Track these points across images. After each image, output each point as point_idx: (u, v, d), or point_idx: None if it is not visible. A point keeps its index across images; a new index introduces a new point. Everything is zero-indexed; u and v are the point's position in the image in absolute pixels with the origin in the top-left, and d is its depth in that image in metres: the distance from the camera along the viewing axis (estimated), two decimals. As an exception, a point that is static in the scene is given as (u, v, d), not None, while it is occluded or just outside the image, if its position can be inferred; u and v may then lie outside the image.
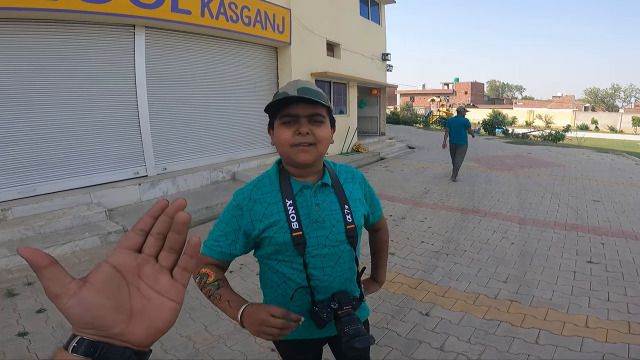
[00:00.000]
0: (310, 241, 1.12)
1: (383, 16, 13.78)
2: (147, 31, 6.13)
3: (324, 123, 1.11)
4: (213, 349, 2.52)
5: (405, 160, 10.97)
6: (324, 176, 1.18)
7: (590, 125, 38.21)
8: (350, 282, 1.23)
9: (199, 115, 7.20)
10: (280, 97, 1.04)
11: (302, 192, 1.15)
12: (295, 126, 1.07)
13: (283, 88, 1.10)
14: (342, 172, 1.28)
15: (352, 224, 1.18)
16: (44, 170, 5.17)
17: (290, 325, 1.00)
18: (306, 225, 1.12)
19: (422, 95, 56.24)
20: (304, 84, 1.10)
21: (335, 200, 1.18)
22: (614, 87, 60.40)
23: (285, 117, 1.07)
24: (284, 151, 1.10)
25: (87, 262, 3.93)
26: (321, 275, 1.15)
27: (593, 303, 2.98)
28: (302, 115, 1.06)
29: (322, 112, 1.10)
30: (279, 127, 1.09)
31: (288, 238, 1.11)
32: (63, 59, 5.26)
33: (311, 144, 1.07)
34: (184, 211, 0.43)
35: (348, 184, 1.25)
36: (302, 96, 1.03)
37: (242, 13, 7.33)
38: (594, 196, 6.63)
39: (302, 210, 1.13)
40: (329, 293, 1.17)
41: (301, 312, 1.17)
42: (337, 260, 1.17)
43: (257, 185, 1.18)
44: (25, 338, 2.62)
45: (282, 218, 1.12)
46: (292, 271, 1.15)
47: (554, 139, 19.79)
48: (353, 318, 1.10)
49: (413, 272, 3.65)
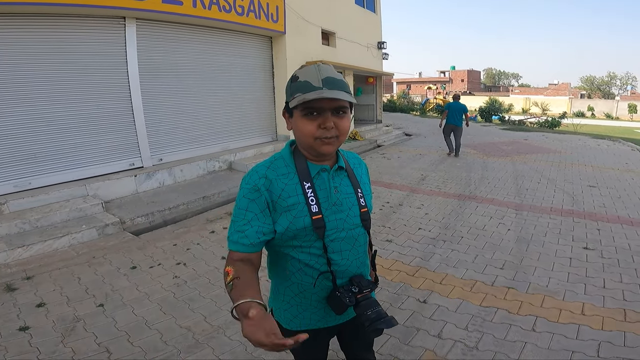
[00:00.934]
0: (329, 224, 1.12)
1: (378, 4, 13.60)
2: (138, 22, 6.02)
3: (346, 114, 1.09)
4: (212, 339, 2.53)
5: (402, 147, 10.96)
6: (339, 160, 1.18)
7: (587, 112, 38.25)
8: (364, 265, 1.25)
9: (194, 105, 7.13)
10: (311, 98, 1.00)
11: (320, 175, 1.14)
12: (319, 119, 1.04)
13: (304, 75, 1.05)
14: (350, 157, 1.30)
15: (365, 207, 1.20)
16: (38, 164, 5.12)
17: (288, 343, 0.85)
18: (325, 209, 1.12)
19: (419, 83, 55.92)
20: (327, 71, 1.05)
21: (349, 184, 1.19)
22: (610, 75, 60.22)
23: (309, 109, 1.04)
24: (306, 142, 1.08)
25: (85, 255, 3.93)
26: (339, 260, 1.15)
27: (589, 290, 3.00)
28: (327, 108, 1.04)
29: (346, 104, 1.07)
30: (301, 119, 1.06)
31: (308, 222, 1.09)
32: (54, 52, 5.16)
33: (334, 136, 1.07)
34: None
35: (357, 169, 1.28)
36: (332, 97, 1.00)
37: (235, 2, 7.21)
38: (590, 182, 6.66)
39: (321, 193, 1.13)
40: (347, 277, 1.18)
41: (318, 299, 1.19)
42: (353, 243, 1.18)
43: (270, 166, 1.14)
44: (27, 332, 2.61)
45: (301, 201, 1.10)
46: (309, 257, 1.14)
47: (550, 125, 19.81)
48: (372, 301, 1.13)
49: (410, 259, 3.67)
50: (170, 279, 3.38)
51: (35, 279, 3.41)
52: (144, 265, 3.68)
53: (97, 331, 2.63)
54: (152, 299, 3.05)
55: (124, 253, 3.97)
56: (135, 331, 2.62)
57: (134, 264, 3.70)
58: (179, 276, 3.43)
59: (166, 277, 3.42)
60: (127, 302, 3.01)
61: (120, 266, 3.66)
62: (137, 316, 2.81)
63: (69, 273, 3.53)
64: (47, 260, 3.83)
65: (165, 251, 4.01)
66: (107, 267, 3.64)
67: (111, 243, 4.24)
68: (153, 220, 4.91)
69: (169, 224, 4.90)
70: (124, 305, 2.96)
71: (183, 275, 3.44)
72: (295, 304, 1.21)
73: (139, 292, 3.16)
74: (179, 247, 4.13)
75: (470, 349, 2.35)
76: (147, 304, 2.98)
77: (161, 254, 3.95)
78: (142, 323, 2.72)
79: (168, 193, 5.79)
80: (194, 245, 4.14)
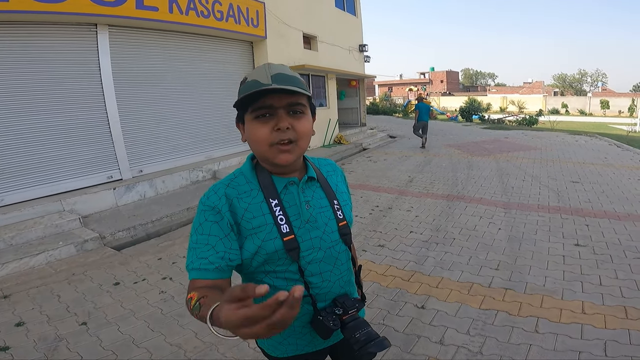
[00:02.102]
0: (303, 245, 0.99)
1: (359, 7, 13.67)
2: (111, 29, 5.80)
3: (305, 114, 0.95)
4: (205, 356, 2.40)
5: (388, 150, 10.97)
6: (308, 170, 1.05)
7: (561, 109, 39.34)
8: (349, 283, 1.13)
9: (174, 114, 6.92)
10: (254, 90, 0.86)
11: (288, 189, 1.00)
12: (272, 120, 0.91)
13: (252, 75, 0.92)
14: (322, 164, 1.16)
15: (343, 220, 1.07)
16: (10, 179, 4.84)
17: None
18: (297, 227, 0.99)
19: (400, 85, 56.61)
20: (278, 68, 0.92)
21: (323, 195, 1.06)
22: (581, 72, 62.30)
23: (259, 110, 0.90)
24: (260, 151, 0.94)
25: (64, 272, 3.71)
26: (320, 282, 1.03)
27: (586, 288, 2.98)
28: (279, 106, 0.90)
29: (302, 101, 0.93)
30: (252, 123, 0.92)
31: (279, 244, 0.95)
32: (23, 61, 4.92)
33: (292, 141, 0.92)
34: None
35: (331, 177, 1.14)
36: (280, 87, 0.87)
37: (214, 8, 7.06)
38: (573, 177, 6.77)
39: (291, 210, 0.99)
40: (330, 299, 1.06)
41: (302, 324, 1.06)
42: (334, 262, 1.05)
43: (230, 184, 0.99)
44: (7, 352, 2.47)
45: (268, 221, 0.96)
46: (285, 282, 1.01)
47: (528, 123, 20.30)
48: (360, 322, 1.01)
49: (405, 264, 3.59)
50: (157, 295, 3.22)
51: (12, 298, 3.23)
52: (128, 281, 3.49)
53: (82, 351, 2.47)
54: (138, 316, 2.88)
55: (106, 269, 3.77)
56: (123, 350, 2.47)
57: (117, 280, 3.52)
58: (166, 291, 3.27)
59: (152, 293, 3.25)
60: (112, 319, 2.85)
61: (102, 283, 3.47)
62: (124, 334, 2.65)
63: (47, 291, 3.34)
64: (24, 278, 3.62)
65: (150, 266, 3.82)
66: (88, 284, 3.45)
67: (91, 259, 4.02)
68: (135, 234, 4.71)
69: (153, 238, 4.70)
70: (108, 324, 2.79)
71: (170, 290, 3.28)
72: None
73: (123, 309, 2.99)
74: (163, 260, 3.95)
75: (474, 354, 2.28)
76: (133, 321, 2.82)
77: (145, 268, 3.76)
78: (129, 341, 2.56)
79: (150, 205, 5.58)
80: (180, 258, 3.96)
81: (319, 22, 10.79)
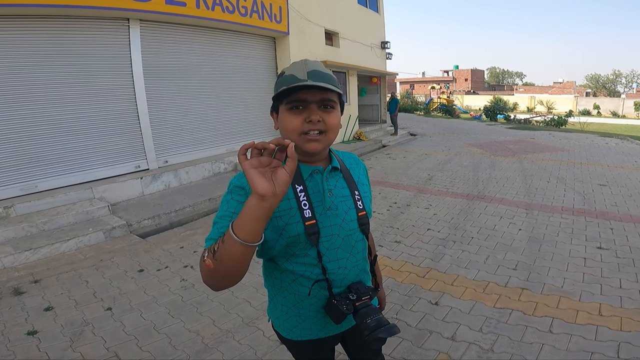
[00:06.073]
0: (323, 230, 1.05)
1: (381, 4, 13.56)
2: (142, 24, 6.02)
3: (335, 109, 1.03)
4: (222, 343, 2.49)
5: (408, 147, 10.89)
6: (332, 160, 1.11)
7: (593, 111, 37.92)
8: (364, 272, 1.19)
9: (199, 107, 7.12)
10: (292, 85, 0.96)
11: (313, 176, 1.07)
12: (305, 113, 0.98)
13: (290, 70, 1.01)
14: (346, 157, 1.23)
15: (363, 211, 1.12)
16: (44, 167, 5.12)
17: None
18: (319, 213, 1.05)
19: (422, 83, 55.82)
20: (313, 65, 1.01)
21: (345, 185, 1.12)
22: (615, 73, 59.95)
23: (293, 103, 0.98)
24: (291, 138, 1.00)
25: (92, 258, 3.90)
26: (336, 268, 1.09)
27: (605, 290, 2.93)
28: (312, 100, 0.98)
29: (333, 98, 1.01)
30: (286, 113, 1.00)
31: (301, 228, 1.02)
32: (58, 54, 5.18)
33: (322, 131, 1.00)
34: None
35: (354, 169, 1.20)
36: (315, 84, 0.95)
37: (239, 3, 7.20)
38: (600, 180, 6.56)
39: (314, 196, 1.06)
40: (344, 286, 1.11)
41: (317, 309, 1.12)
42: (350, 250, 1.11)
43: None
44: (35, 337, 2.59)
45: (293, 206, 1.02)
46: (304, 267, 1.07)
47: (556, 124, 19.65)
48: (372, 308, 1.06)
49: (420, 261, 3.61)
50: (178, 282, 3.35)
51: (42, 283, 3.39)
52: (151, 268, 3.65)
53: (106, 335, 2.60)
54: (160, 303, 3.01)
55: (131, 256, 3.94)
56: (144, 335, 2.59)
57: (141, 267, 3.68)
58: (187, 279, 3.40)
59: (174, 280, 3.39)
60: (135, 305, 2.98)
61: (127, 269, 3.63)
62: (146, 320, 2.77)
63: (76, 276, 3.51)
64: (54, 263, 3.81)
65: (172, 254, 3.98)
66: (114, 270, 3.62)
67: (118, 246, 4.21)
68: (159, 223, 4.89)
69: (176, 226, 4.88)
70: (132, 309, 2.93)
71: (190, 278, 3.40)
72: (294, 314, 1.15)
73: (146, 296, 3.13)
74: (185, 249, 4.09)
75: (485, 351, 2.29)
76: (155, 307, 2.95)
77: (168, 256, 3.92)
78: (150, 327, 2.68)
79: (174, 195, 5.77)
80: (201, 247, 4.10)
81: (341, 18, 10.78)
